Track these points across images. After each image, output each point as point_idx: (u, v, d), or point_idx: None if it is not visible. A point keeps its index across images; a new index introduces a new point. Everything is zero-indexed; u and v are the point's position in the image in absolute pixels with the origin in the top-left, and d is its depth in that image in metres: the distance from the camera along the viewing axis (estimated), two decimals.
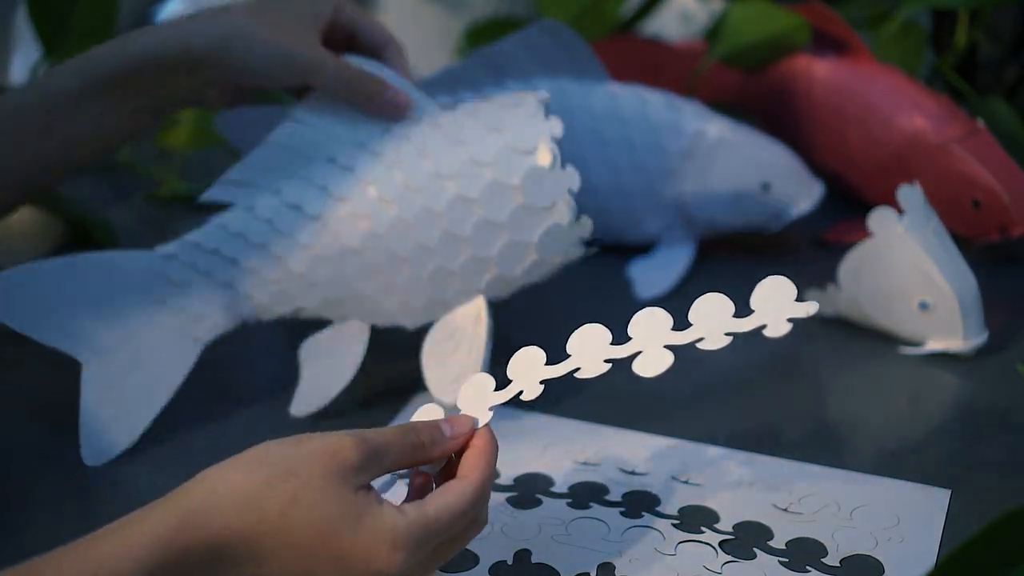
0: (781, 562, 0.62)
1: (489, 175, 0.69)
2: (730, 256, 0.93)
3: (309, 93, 0.72)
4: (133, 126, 0.72)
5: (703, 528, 0.64)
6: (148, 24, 1.24)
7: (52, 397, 0.74)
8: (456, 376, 0.70)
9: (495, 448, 0.57)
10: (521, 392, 0.59)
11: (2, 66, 1.14)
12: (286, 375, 0.74)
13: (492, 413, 0.58)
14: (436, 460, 0.57)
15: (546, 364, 0.59)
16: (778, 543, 0.63)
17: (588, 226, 0.70)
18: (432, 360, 0.71)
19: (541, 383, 0.59)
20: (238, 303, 0.71)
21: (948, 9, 1.01)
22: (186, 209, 0.92)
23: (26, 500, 0.66)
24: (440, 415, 0.59)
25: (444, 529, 0.54)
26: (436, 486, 0.57)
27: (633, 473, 0.68)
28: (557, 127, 0.70)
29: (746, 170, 0.89)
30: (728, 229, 0.91)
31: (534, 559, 0.62)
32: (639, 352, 0.59)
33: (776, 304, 0.58)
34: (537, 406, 0.74)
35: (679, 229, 0.91)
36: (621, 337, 0.59)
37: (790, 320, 0.58)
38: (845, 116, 0.95)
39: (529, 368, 0.59)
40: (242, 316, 0.72)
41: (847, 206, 0.96)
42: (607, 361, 0.59)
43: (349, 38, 0.74)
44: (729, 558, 0.62)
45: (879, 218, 0.79)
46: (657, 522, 0.65)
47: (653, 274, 0.89)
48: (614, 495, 0.67)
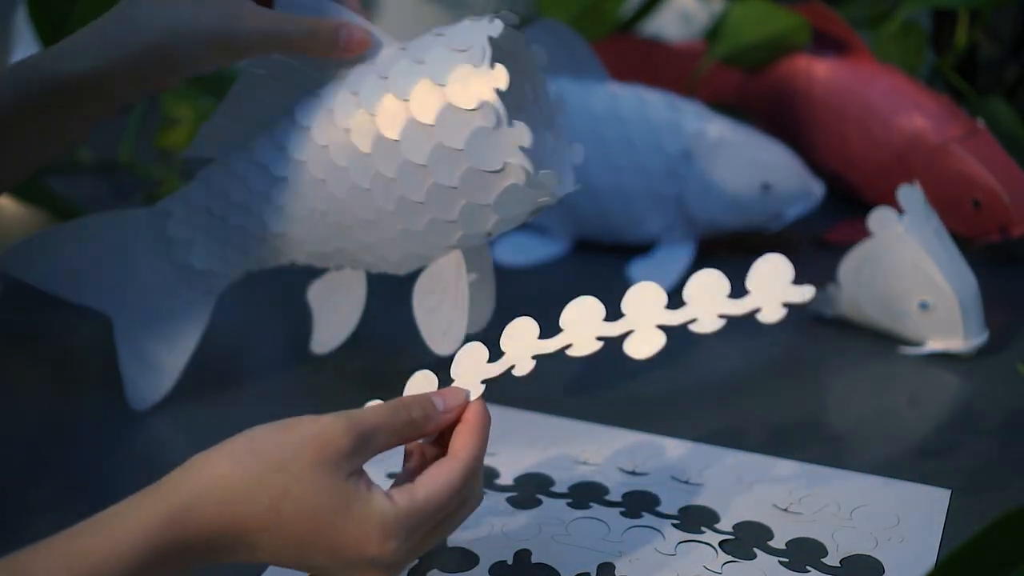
0: (781, 562, 0.62)
1: (434, 138, 0.63)
2: (730, 256, 0.92)
3: None
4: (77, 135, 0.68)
5: (703, 528, 0.64)
6: None
7: (52, 397, 0.74)
8: (446, 328, 0.69)
9: (487, 422, 0.56)
10: (513, 367, 0.58)
11: (2, 66, 1.14)
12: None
13: (484, 387, 0.57)
14: (429, 435, 0.56)
15: (539, 338, 0.58)
16: (778, 543, 0.63)
17: (553, 179, 0.64)
18: (423, 313, 0.70)
19: (534, 358, 0.58)
20: (237, 256, 0.72)
21: (948, 9, 1.01)
22: None
23: (26, 500, 0.66)
24: (433, 383, 0.58)
25: (435, 512, 0.53)
26: (427, 456, 0.57)
27: (633, 473, 0.68)
28: (501, 78, 0.62)
29: (746, 170, 0.89)
30: (728, 229, 0.91)
31: (534, 559, 0.62)
32: (630, 331, 0.58)
33: (772, 286, 0.56)
34: (537, 406, 0.74)
35: (679, 229, 0.91)
36: (616, 316, 0.58)
37: (786, 305, 0.56)
38: (845, 116, 0.95)
39: (521, 341, 0.58)
40: (244, 268, 0.73)
41: (847, 206, 0.96)
42: (599, 339, 0.58)
43: None
44: (729, 558, 0.62)
45: (879, 218, 0.79)
46: (657, 522, 0.65)
47: (653, 274, 0.89)
48: (614, 495, 0.67)
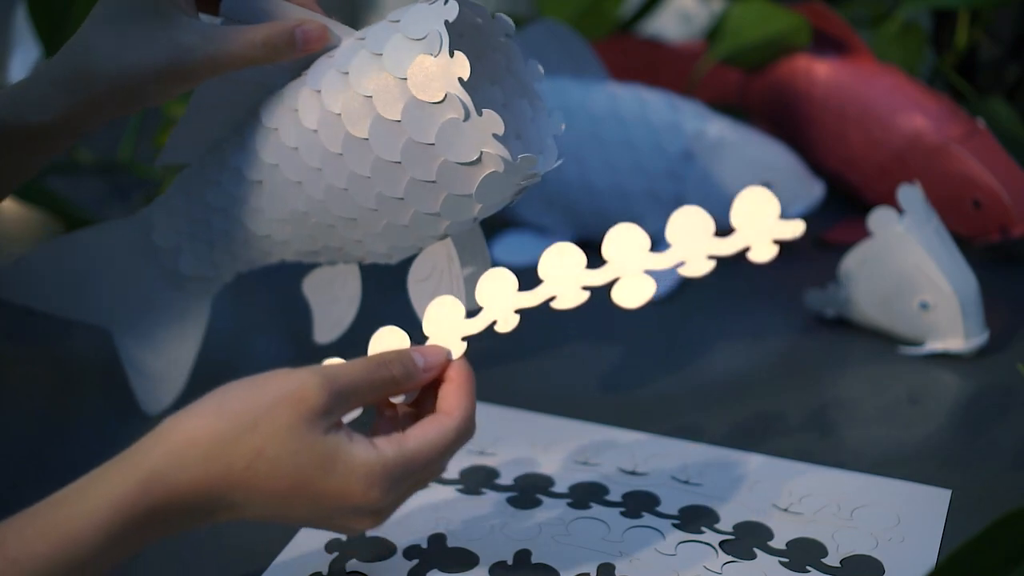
0: (781, 562, 0.62)
1: (404, 134, 0.61)
2: (730, 256, 0.92)
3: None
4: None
5: (703, 528, 0.64)
6: None
7: (52, 398, 0.74)
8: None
9: (473, 380, 0.55)
10: (495, 323, 0.56)
11: (2, 65, 1.14)
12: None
13: (465, 345, 0.56)
14: (408, 392, 0.55)
15: (519, 291, 0.56)
16: (778, 543, 0.63)
17: (532, 161, 0.60)
18: (419, 301, 0.68)
19: (517, 312, 0.56)
20: (225, 259, 0.71)
21: (948, 9, 1.01)
22: None
23: (26, 502, 0.66)
24: (404, 339, 0.56)
25: (424, 465, 0.52)
26: (399, 413, 0.56)
27: (633, 473, 0.68)
28: (462, 66, 0.58)
29: (746, 170, 0.89)
30: (728, 229, 0.91)
31: (534, 559, 0.62)
32: (616, 279, 0.56)
33: (759, 222, 0.55)
34: (537, 406, 0.74)
35: None
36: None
37: (776, 242, 0.54)
38: (845, 116, 0.95)
39: (500, 294, 0.56)
40: (234, 269, 0.72)
41: (847, 206, 0.96)
42: (585, 289, 0.56)
43: None
44: (729, 558, 0.62)
45: (879, 218, 0.79)
46: (657, 522, 0.64)
47: (653, 274, 0.89)
48: (614, 495, 0.67)
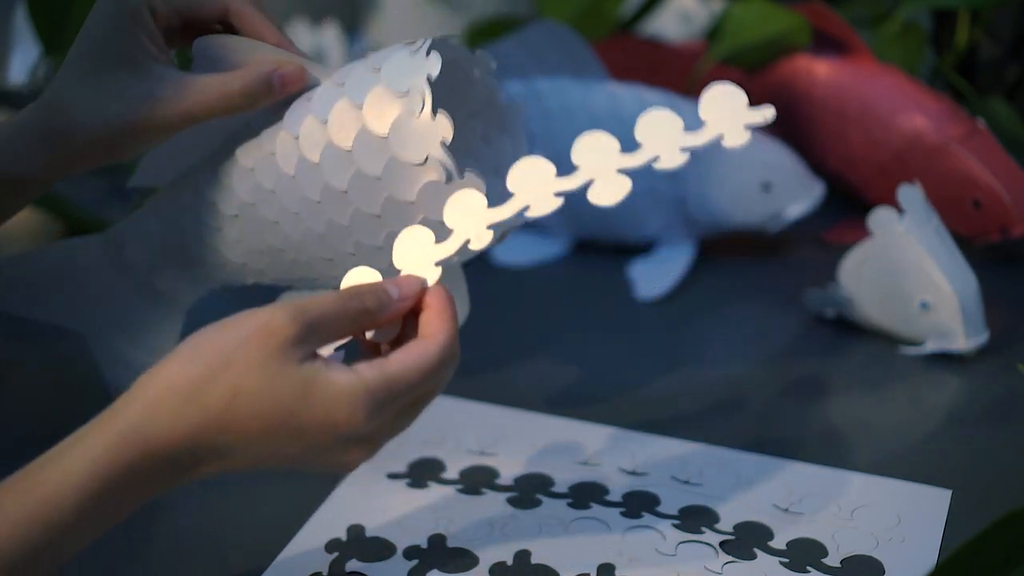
0: (782, 562, 0.62)
1: (384, 190, 0.59)
2: (730, 256, 0.92)
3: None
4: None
5: (703, 528, 0.64)
6: None
7: (51, 399, 0.74)
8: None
9: (453, 304, 0.53)
10: (468, 241, 0.54)
11: (2, 65, 1.14)
12: None
13: (440, 270, 0.54)
14: (385, 326, 0.53)
15: (489, 207, 0.54)
16: (778, 543, 0.63)
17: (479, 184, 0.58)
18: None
19: (490, 228, 0.55)
20: (200, 278, 0.69)
21: (948, 9, 1.01)
22: None
23: None
24: (375, 276, 0.55)
25: (408, 390, 0.51)
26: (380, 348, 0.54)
27: (633, 473, 0.68)
28: (445, 129, 0.57)
29: (746, 170, 0.89)
30: (728, 229, 0.91)
31: (534, 559, 0.62)
32: (591, 181, 0.55)
33: (728, 112, 0.54)
34: (537, 406, 0.74)
35: (679, 229, 0.91)
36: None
37: (748, 127, 0.54)
38: (845, 116, 0.95)
39: (469, 213, 0.55)
40: (209, 287, 0.70)
41: (848, 206, 0.96)
42: (558, 195, 0.54)
43: (193, 21, 0.63)
44: (730, 558, 0.62)
45: (879, 218, 0.79)
46: (657, 522, 0.64)
47: (653, 274, 0.89)
48: (614, 495, 0.67)
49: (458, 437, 0.71)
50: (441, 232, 0.56)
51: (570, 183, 0.55)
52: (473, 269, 0.67)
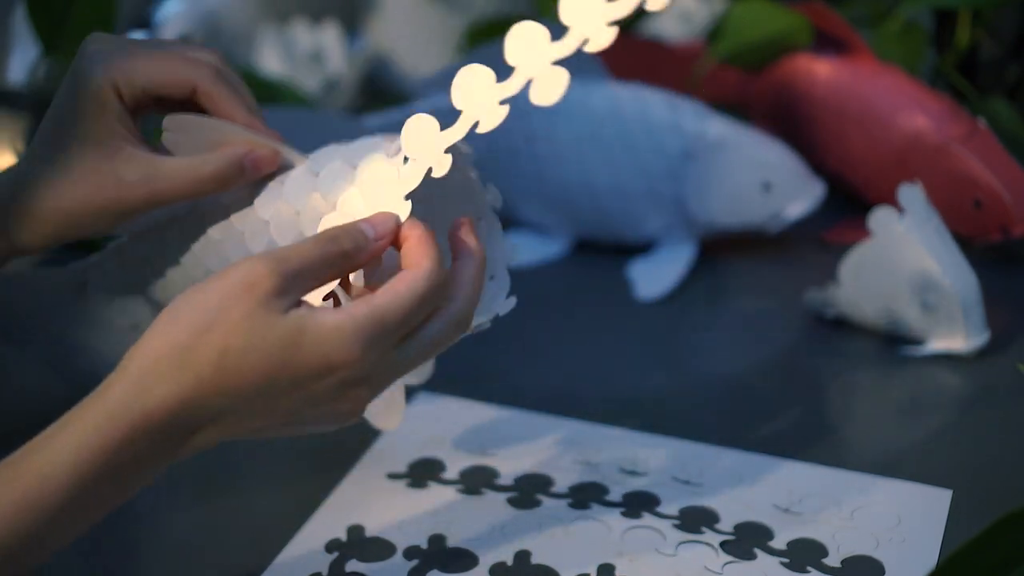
0: (782, 563, 0.62)
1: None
2: (730, 256, 0.92)
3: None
4: None
5: (703, 528, 0.64)
6: (145, 23, 1.24)
7: (51, 398, 0.74)
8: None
9: (431, 235, 0.53)
10: (431, 169, 0.54)
11: (1, 66, 1.14)
12: None
13: (410, 202, 0.54)
14: (365, 265, 0.53)
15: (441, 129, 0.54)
16: (779, 543, 0.63)
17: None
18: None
19: (447, 152, 0.54)
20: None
21: (949, 9, 1.00)
22: None
23: None
24: (346, 219, 0.54)
25: (400, 321, 0.50)
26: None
27: (633, 473, 0.68)
28: None
29: (746, 170, 0.89)
30: (728, 229, 0.91)
31: (534, 559, 0.62)
32: (531, 80, 0.54)
33: None
34: (536, 406, 0.74)
35: (679, 229, 0.91)
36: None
37: None
38: (846, 116, 0.95)
39: (426, 140, 0.54)
40: None
41: (848, 206, 0.96)
42: (503, 103, 0.54)
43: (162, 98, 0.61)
44: (730, 558, 0.62)
45: (880, 218, 0.79)
46: (657, 522, 0.64)
47: (653, 274, 0.89)
48: (614, 495, 0.66)
49: (458, 437, 0.71)
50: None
51: (510, 86, 0.54)
52: None
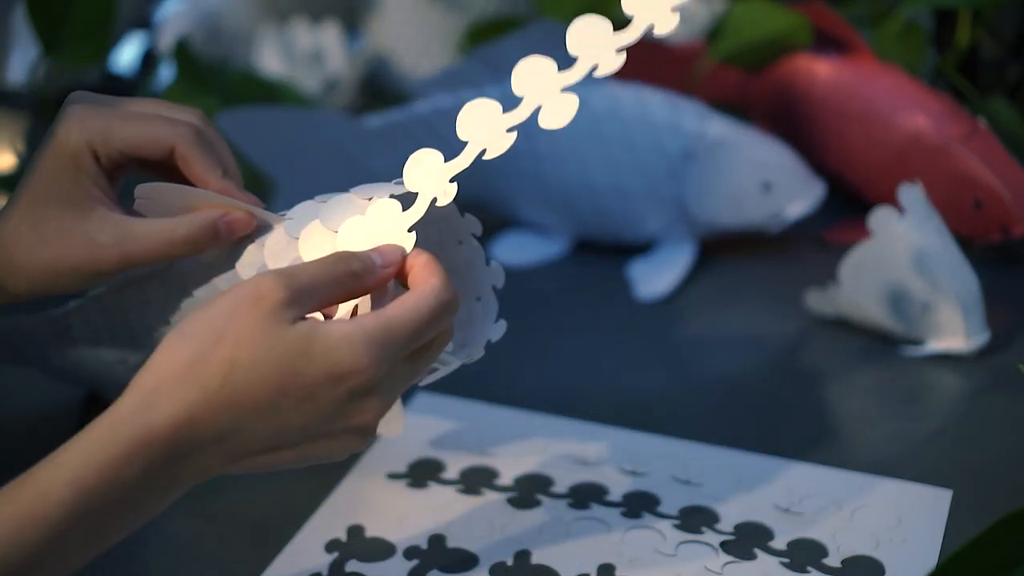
0: (782, 563, 0.62)
1: None
2: (730, 256, 0.92)
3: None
4: None
5: (703, 528, 0.64)
6: (145, 23, 1.24)
7: (50, 399, 0.74)
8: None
9: (437, 261, 0.53)
10: (435, 200, 0.54)
11: (0, 65, 1.14)
12: None
13: (414, 235, 0.54)
14: (373, 293, 0.53)
15: (446, 161, 0.54)
16: (779, 544, 0.63)
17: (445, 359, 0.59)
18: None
19: (452, 181, 0.54)
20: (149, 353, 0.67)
21: (950, 8, 1.00)
22: None
23: None
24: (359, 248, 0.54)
25: (409, 334, 0.51)
26: None
27: (633, 473, 0.68)
28: None
29: (746, 170, 0.89)
30: (728, 229, 0.91)
31: (534, 559, 0.62)
32: (539, 107, 0.54)
33: (651, 2, 0.54)
34: (537, 406, 0.74)
35: (679, 229, 0.91)
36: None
37: (675, 9, 0.54)
38: (846, 116, 0.95)
39: (429, 171, 0.54)
40: None
41: (848, 206, 0.96)
42: (510, 131, 0.54)
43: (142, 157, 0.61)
44: (730, 559, 0.62)
45: (880, 218, 0.79)
46: (657, 522, 0.64)
47: (653, 274, 0.89)
48: (614, 495, 0.66)
49: (458, 437, 0.71)
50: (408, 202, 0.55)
51: (519, 115, 0.54)
52: None
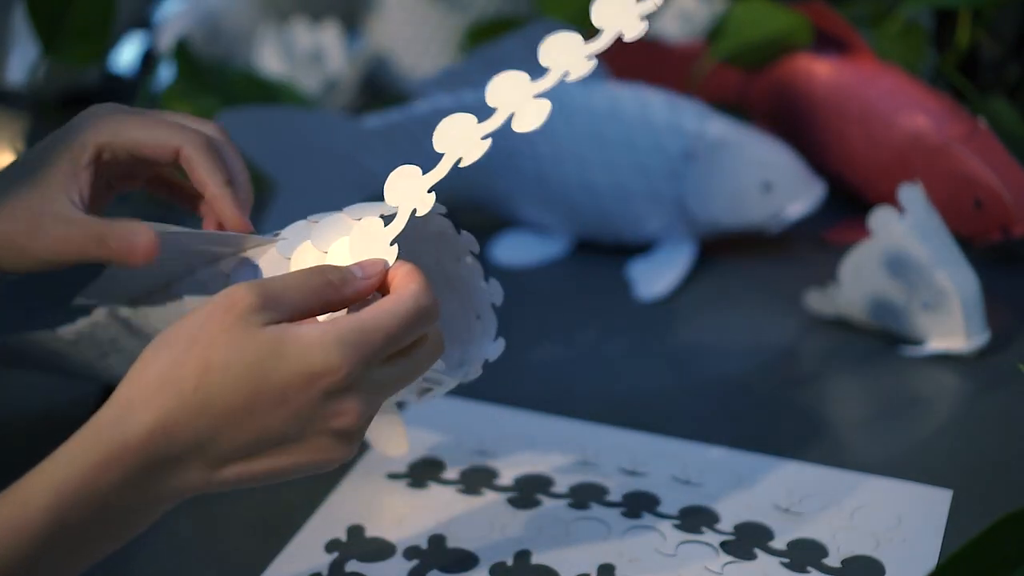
0: (782, 563, 0.62)
1: None
2: (730, 256, 0.92)
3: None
4: None
5: (703, 528, 0.64)
6: (145, 23, 1.24)
7: (52, 399, 0.74)
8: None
9: (419, 270, 0.53)
10: (415, 211, 0.54)
11: (0, 65, 1.14)
12: None
13: (396, 248, 0.54)
14: (352, 301, 0.53)
15: (424, 173, 0.55)
16: (779, 544, 0.63)
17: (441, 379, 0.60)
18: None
19: (430, 191, 0.54)
20: None
21: (950, 8, 1.00)
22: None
23: None
24: (321, 258, 0.55)
25: (386, 331, 0.50)
26: None
27: (633, 473, 0.68)
28: None
29: (746, 170, 0.89)
30: (728, 229, 0.91)
31: (534, 559, 0.62)
32: (512, 114, 0.55)
33: (619, 9, 0.54)
34: (537, 406, 0.74)
35: (679, 229, 0.91)
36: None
37: (643, 17, 0.54)
38: (846, 116, 0.95)
39: (410, 185, 0.55)
40: None
41: (848, 206, 0.96)
42: (485, 138, 0.54)
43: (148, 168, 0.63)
44: (730, 559, 0.62)
45: (880, 218, 0.79)
46: (657, 522, 0.64)
47: (653, 274, 0.89)
48: (614, 495, 0.66)
49: (458, 437, 0.71)
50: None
51: (493, 123, 0.55)
52: None
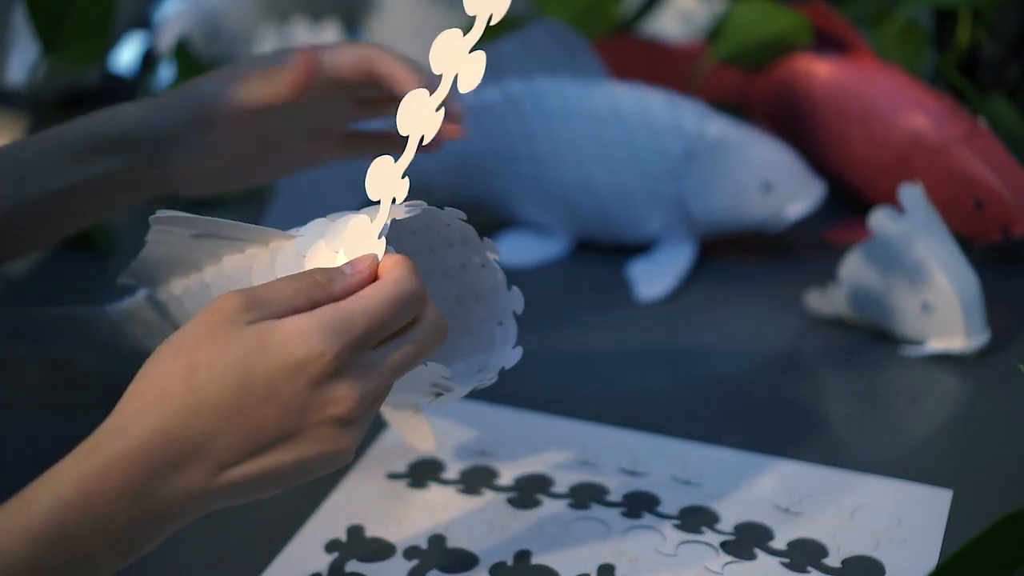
0: (782, 563, 0.62)
1: None
2: (730, 256, 0.92)
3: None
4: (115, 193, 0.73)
5: (704, 528, 0.64)
6: (145, 23, 1.24)
7: (52, 400, 0.74)
8: (416, 425, 0.67)
9: (409, 260, 0.53)
10: (394, 199, 0.55)
11: (0, 65, 1.14)
12: None
13: (384, 241, 0.54)
14: (341, 298, 0.52)
15: (395, 161, 0.55)
16: (779, 544, 0.63)
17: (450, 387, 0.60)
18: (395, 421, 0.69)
19: (404, 176, 0.55)
20: None
21: (950, 8, 1.00)
22: (186, 210, 0.92)
23: None
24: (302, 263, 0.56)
25: (369, 318, 0.50)
26: None
27: (633, 473, 0.68)
28: None
29: (746, 170, 0.89)
30: (728, 229, 0.91)
31: (534, 559, 0.62)
32: (456, 76, 0.56)
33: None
34: (537, 406, 0.74)
35: (679, 229, 0.91)
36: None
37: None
38: (846, 116, 0.95)
39: (384, 177, 0.55)
40: None
41: (848, 205, 0.96)
42: (438, 109, 0.55)
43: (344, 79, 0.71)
44: (730, 559, 0.62)
45: (880, 218, 0.79)
46: (657, 522, 0.64)
47: (653, 274, 0.89)
48: (614, 495, 0.66)
49: (458, 437, 0.71)
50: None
51: (440, 92, 0.55)
52: None
